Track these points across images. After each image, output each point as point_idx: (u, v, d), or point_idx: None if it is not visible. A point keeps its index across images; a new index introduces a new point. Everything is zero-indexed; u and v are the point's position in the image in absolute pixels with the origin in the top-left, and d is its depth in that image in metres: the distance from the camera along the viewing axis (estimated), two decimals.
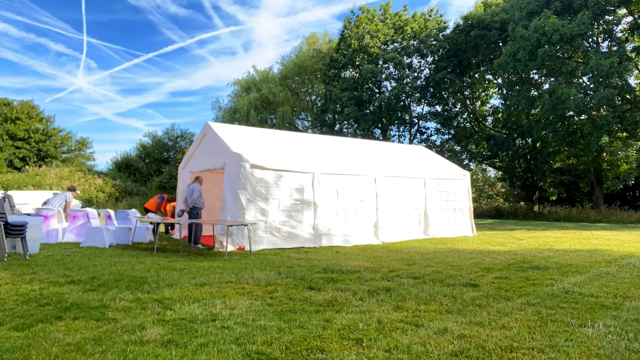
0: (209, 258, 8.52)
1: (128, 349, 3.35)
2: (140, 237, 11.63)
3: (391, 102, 30.58)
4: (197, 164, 12.63)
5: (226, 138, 11.14)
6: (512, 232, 15.55)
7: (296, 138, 14.12)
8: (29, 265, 7.01)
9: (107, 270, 6.72)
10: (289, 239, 10.61)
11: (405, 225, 12.86)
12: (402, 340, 3.65)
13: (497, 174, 36.95)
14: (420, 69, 32.62)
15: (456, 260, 8.43)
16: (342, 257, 8.73)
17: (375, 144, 16.98)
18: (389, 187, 12.57)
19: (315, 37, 38.78)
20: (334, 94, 31.33)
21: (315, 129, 34.42)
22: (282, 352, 3.35)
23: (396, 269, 7.19)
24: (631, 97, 23.01)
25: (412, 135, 34.10)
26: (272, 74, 38.53)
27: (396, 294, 5.36)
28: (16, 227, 7.73)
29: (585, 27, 21.34)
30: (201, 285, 5.74)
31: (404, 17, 32.46)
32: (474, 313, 4.52)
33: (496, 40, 28.76)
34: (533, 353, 3.40)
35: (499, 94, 32.36)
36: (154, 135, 40.45)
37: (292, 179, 10.80)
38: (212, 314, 4.35)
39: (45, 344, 3.42)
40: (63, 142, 38.69)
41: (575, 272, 7.00)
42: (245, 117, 34.85)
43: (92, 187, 29.88)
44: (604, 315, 4.47)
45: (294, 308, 4.64)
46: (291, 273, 6.72)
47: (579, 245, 11.15)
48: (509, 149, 28.33)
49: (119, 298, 4.92)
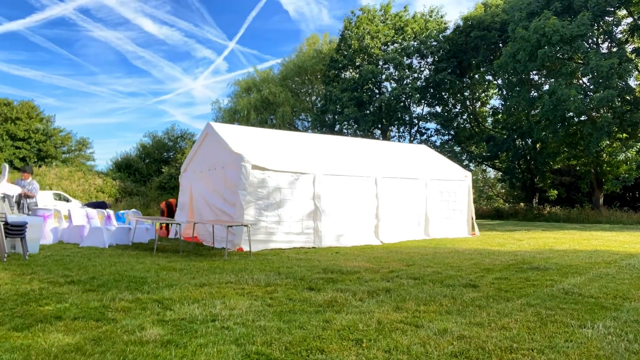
0: (209, 258, 8.52)
1: (128, 349, 3.35)
2: (141, 237, 11.63)
3: (391, 103, 30.60)
4: (199, 163, 12.63)
5: (227, 138, 11.15)
6: (512, 233, 15.55)
7: (297, 138, 14.12)
8: (29, 265, 7.00)
9: (107, 271, 6.72)
10: (289, 239, 10.61)
11: (405, 225, 12.85)
12: (401, 340, 3.65)
13: (497, 175, 36.97)
14: (420, 69, 32.65)
15: (456, 261, 8.43)
16: (342, 258, 8.73)
17: (377, 144, 16.98)
18: (390, 188, 12.57)
19: (316, 37, 38.85)
20: (334, 95, 31.34)
21: (316, 129, 34.43)
22: (281, 353, 3.35)
23: (396, 270, 7.19)
24: (631, 98, 23.02)
25: (412, 136, 34.12)
26: (272, 75, 38.59)
27: (396, 294, 5.36)
28: (16, 227, 7.73)
29: (585, 28, 21.35)
30: (201, 285, 5.74)
31: (404, 17, 32.49)
32: (473, 314, 4.52)
33: (496, 41, 28.78)
34: (533, 354, 3.40)
35: (498, 95, 32.40)
36: (154, 135, 40.46)
37: (292, 180, 10.80)
38: (212, 314, 4.35)
39: (45, 344, 3.42)
40: (63, 142, 38.70)
41: (575, 273, 7.00)
42: (245, 118, 34.88)
43: (92, 187, 29.89)
44: (603, 316, 4.47)
45: (294, 308, 4.64)
46: (291, 273, 6.72)
47: (578, 246, 11.15)
48: (509, 149, 28.34)
49: (119, 298, 4.92)
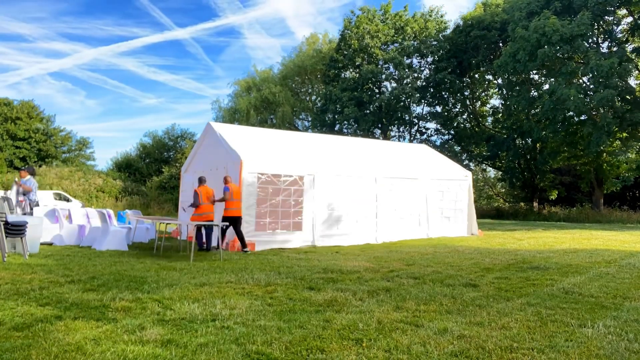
0: (209, 258, 8.52)
1: (128, 349, 3.35)
2: (141, 237, 11.63)
3: (391, 103, 30.59)
4: (200, 164, 12.63)
5: (228, 138, 11.16)
6: (512, 233, 15.54)
7: (297, 138, 14.13)
8: (29, 265, 7.00)
9: (107, 270, 6.71)
10: (289, 238, 10.61)
11: (405, 225, 12.85)
12: (402, 340, 3.65)
13: (497, 175, 36.97)
14: (420, 69, 32.64)
15: (456, 260, 8.43)
16: (342, 257, 8.73)
17: (377, 144, 16.98)
18: (390, 188, 12.57)
19: (316, 37, 38.80)
20: (334, 94, 31.33)
21: (315, 129, 34.42)
22: (282, 352, 3.35)
23: (396, 269, 7.19)
24: (631, 97, 23.02)
25: (412, 135, 34.12)
26: (272, 74, 38.55)
27: (396, 294, 5.36)
28: (16, 227, 7.73)
29: (585, 28, 21.34)
30: (201, 285, 5.74)
31: (404, 17, 32.46)
32: (473, 313, 4.52)
33: (496, 40, 28.77)
34: (533, 353, 3.40)
35: (499, 95, 32.39)
36: (154, 135, 40.42)
37: (293, 179, 10.81)
38: (212, 314, 4.35)
39: (45, 344, 3.42)
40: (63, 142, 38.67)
41: (575, 273, 7.00)
42: (245, 117, 34.86)
43: (92, 187, 29.89)
44: (603, 316, 4.47)
45: (294, 308, 4.64)
46: (291, 273, 6.72)
47: (578, 246, 11.15)
48: (509, 149, 28.34)
49: (119, 298, 4.92)
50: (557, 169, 29.74)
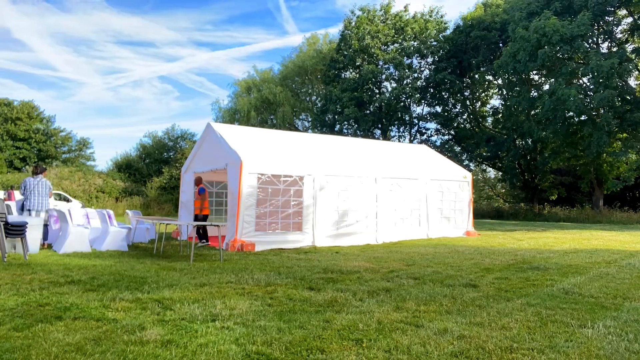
0: (209, 258, 8.52)
1: (128, 349, 3.35)
2: (141, 237, 11.62)
3: (391, 103, 30.60)
4: (200, 164, 12.63)
5: (228, 138, 11.15)
6: (512, 233, 15.54)
7: (297, 138, 14.12)
8: (29, 265, 7.00)
9: (107, 270, 6.71)
10: (289, 239, 10.60)
11: (405, 225, 12.85)
12: (402, 340, 3.65)
13: (497, 175, 36.97)
14: (420, 69, 32.64)
15: (456, 260, 8.43)
16: (342, 258, 8.72)
17: (377, 144, 16.97)
18: (390, 188, 12.57)
19: (316, 37, 38.81)
20: (334, 95, 31.34)
21: (316, 129, 34.43)
22: (282, 353, 3.35)
23: (396, 270, 7.19)
24: (631, 98, 23.01)
25: (412, 135, 34.13)
26: (272, 75, 38.56)
27: (396, 294, 5.36)
28: (16, 227, 7.73)
29: (586, 28, 21.34)
30: (201, 285, 5.74)
31: (404, 17, 32.46)
32: (473, 314, 4.52)
33: (496, 41, 28.78)
34: (533, 354, 3.40)
35: (499, 95, 32.40)
36: (154, 135, 40.45)
37: (293, 180, 10.81)
38: (212, 314, 4.35)
39: (45, 344, 3.42)
40: (63, 142, 38.71)
41: (575, 273, 7.00)
42: (245, 118, 34.87)
43: (92, 187, 29.89)
44: (603, 316, 4.47)
45: (294, 308, 4.64)
46: (291, 273, 6.72)
47: (578, 246, 11.15)
48: (509, 149, 28.34)
49: (119, 298, 4.92)
50: (557, 170, 29.74)
